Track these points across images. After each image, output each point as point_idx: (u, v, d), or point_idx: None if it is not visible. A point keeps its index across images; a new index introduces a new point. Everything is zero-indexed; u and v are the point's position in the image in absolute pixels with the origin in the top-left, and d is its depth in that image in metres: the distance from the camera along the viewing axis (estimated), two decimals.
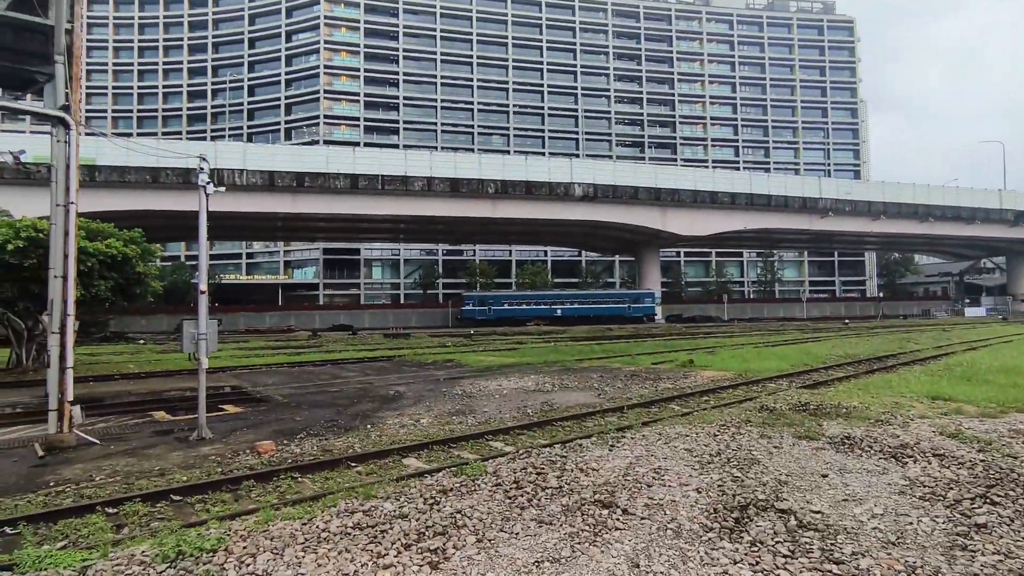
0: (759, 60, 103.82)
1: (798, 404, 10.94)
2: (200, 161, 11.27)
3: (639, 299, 66.16)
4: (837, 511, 5.54)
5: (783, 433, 8.68)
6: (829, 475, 6.64)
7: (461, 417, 11.77)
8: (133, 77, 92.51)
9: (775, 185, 61.29)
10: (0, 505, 6.88)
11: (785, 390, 14.21)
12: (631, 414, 11.77)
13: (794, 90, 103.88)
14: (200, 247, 11.12)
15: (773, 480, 6.40)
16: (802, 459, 7.29)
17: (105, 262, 20.48)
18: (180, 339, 10.92)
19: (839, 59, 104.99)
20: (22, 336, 21.98)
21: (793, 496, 5.92)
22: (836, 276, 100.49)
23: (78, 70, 10.82)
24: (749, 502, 5.69)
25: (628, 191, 55.02)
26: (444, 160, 52.08)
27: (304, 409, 13.05)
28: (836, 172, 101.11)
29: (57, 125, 10.64)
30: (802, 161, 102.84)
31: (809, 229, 63.55)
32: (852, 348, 26.16)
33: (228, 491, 7.32)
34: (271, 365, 23.20)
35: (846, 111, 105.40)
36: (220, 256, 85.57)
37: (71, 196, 10.39)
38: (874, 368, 18.79)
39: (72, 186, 10.43)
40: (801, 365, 19.47)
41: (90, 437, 10.28)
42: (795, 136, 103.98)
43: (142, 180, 43.13)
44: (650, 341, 34.83)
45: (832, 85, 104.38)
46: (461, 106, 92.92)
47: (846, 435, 8.39)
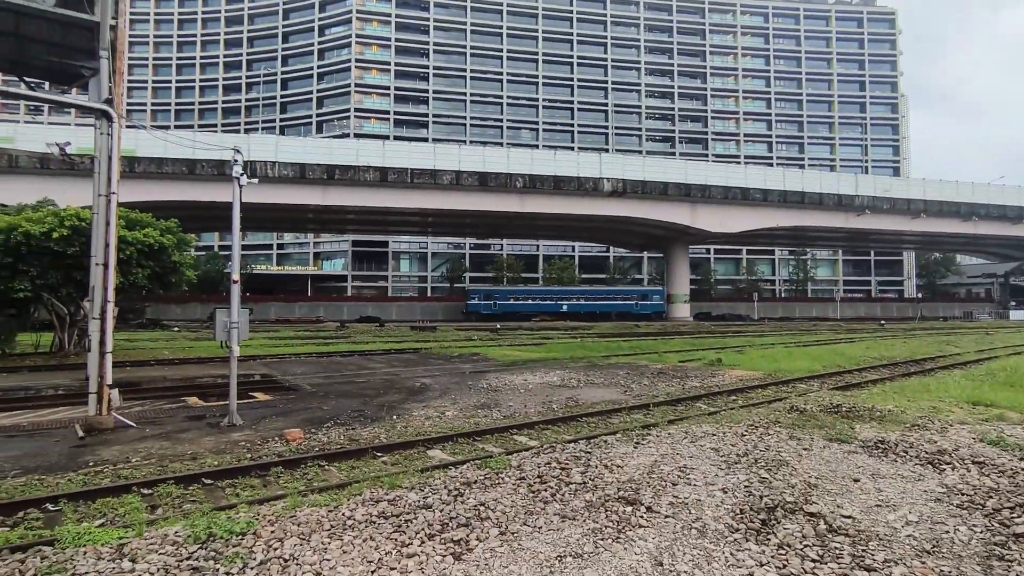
0: (795, 54, 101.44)
1: (829, 406, 10.71)
2: (234, 153, 11.50)
3: (647, 296, 65.44)
4: (869, 517, 5.41)
5: (813, 435, 8.50)
6: (861, 479, 6.48)
7: (486, 411, 11.82)
8: (172, 71, 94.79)
9: (809, 181, 59.91)
10: (43, 483, 7.16)
11: (816, 391, 13.92)
12: (657, 412, 11.67)
13: (831, 84, 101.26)
14: (233, 237, 11.35)
15: (802, 483, 6.28)
16: (833, 462, 7.14)
17: (143, 251, 21.04)
18: (213, 327, 11.18)
19: (879, 52, 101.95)
20: (65, 321, 22.76)
21: (823, 500, 5.80)
22: (872, 276, 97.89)
23: (121, 65, 11.11)
24: (777, 504, 5.60)
25: (657, 186, 54.40)
26: (473, 154, 52.17)
27: (331, 399, 13.26)
28: (874, 169, 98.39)
29: (101, 118, 10.95)
30: (838, 157, 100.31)
31: (844, 227, 61.99)
32: (888, 350, 25.49)
33: (257, 476, 7.48)
34: (300, 355, 23.61)
35: (886, 106, 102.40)
36: (252, 247, 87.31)
37: (112, 186, 10.70)
38: (911, 371, 18.28)
39: (114, 177, 10.73)
40: (833, 366, 19.04)
41: (127, 420, 10.61)
42: (831, 132, 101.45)
43: (179, 172, 44.19)
44: (678, 339, 34.48)
45: (872, 79, 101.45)
46: (490, 100, 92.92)
47: (880, 439, 8.18)
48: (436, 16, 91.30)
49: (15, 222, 19.55)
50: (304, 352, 24.51)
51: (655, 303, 65.29)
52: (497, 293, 64.00)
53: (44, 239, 19.20)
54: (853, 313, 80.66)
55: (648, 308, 64.58)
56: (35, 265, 19.57)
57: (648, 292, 66.65)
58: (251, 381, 15.93)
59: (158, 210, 31.01)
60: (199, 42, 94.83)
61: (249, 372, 17.47)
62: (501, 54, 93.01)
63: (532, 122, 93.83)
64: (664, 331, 43.14)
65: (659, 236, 64.59)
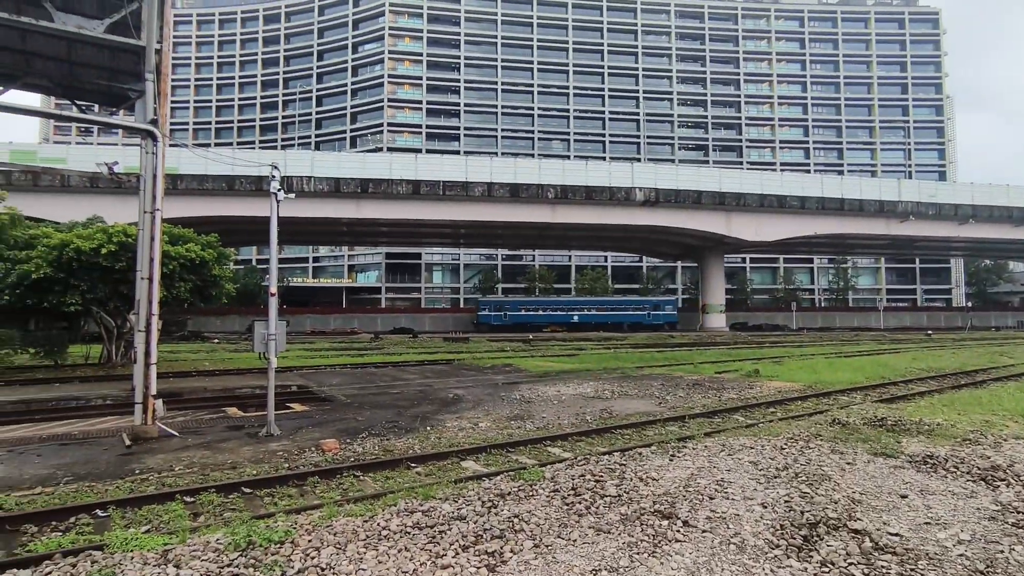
0: (832, 57, 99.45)
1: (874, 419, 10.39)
2: (272, 169, 11.84)
3: (659, 306, 64.36)
4: (918, 535, 5.23)
5: (857, 449, 8.26)
6: (909, 496, 6.26)
7: (519, 422, 11.81)
8: (212, 91, 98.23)
9: (849, 188, 58.45)
10: (93, 489, 7.43)
11: (859, 404, 13.52)
12: (693, 424, 11.49)
13: (871, 88, 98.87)
14: (271, 251, 11.65)
15: (845, 498, 6.10)
16: (878, 477, 6.92)
17: (185, 265, 21.75)
18: (251, 339, 11.46)
19: (922, 53, 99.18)
20: (112, 333, 23.65)
21: (868, 516, 5.62)
22: (917, 284, 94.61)
23: (165, 86, 11.58)
24: (819, 520, 5.45)
25: (691, 195, 53.80)
26: (504, 166, 52.51)
27: (366, 409, 13.43)
28: (918, 174, 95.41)
29: (146, 138, 11.41)
30: (879, 162, 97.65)
31: (887, 234, 60.20)
32: (936, 361, 24.58)
33: (294, 486, 7.62)
34: (335, 366, 23.99)
35: (930, 108, 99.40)
36: (289, 260, 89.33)
37: (157, 203, 11.12)
38: (961, 383, 17.59)
39: (158, 194, 11.16)
40: (877, 378, 18.46)
41: (170, 429, 10.94)
42: (872, 136, 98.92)
43: (219, 188, 45.62)
44: (713, 349, 33.94)
45: (915, 81, 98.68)
46: (521, 112, 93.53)
47: (928, 454, 7.89)
48: (467, 30, 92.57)
49: (67, 239, 20.45)
50: (339, 363, 24.90)
51: (667, 313, 64.32)
52: (507, 304, 63.83)
53: (93, 255, 20.03)
54: (897, 323, 78.09)
55: (660, 318, 63.59)
56: (85, 280, 20.43)
57: (660, 302, 65.57)
58: (288, 392, 16.26)
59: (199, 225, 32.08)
60: (238, 62, 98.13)
61: (286, 383, 17.83)
62: (532, 66, 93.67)
63: (563, 133, 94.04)
64: (699, 341, 42.51)
65: (693, 245, 63.80)
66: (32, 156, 44.38)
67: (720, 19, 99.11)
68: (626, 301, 66.92)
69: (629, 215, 53.73)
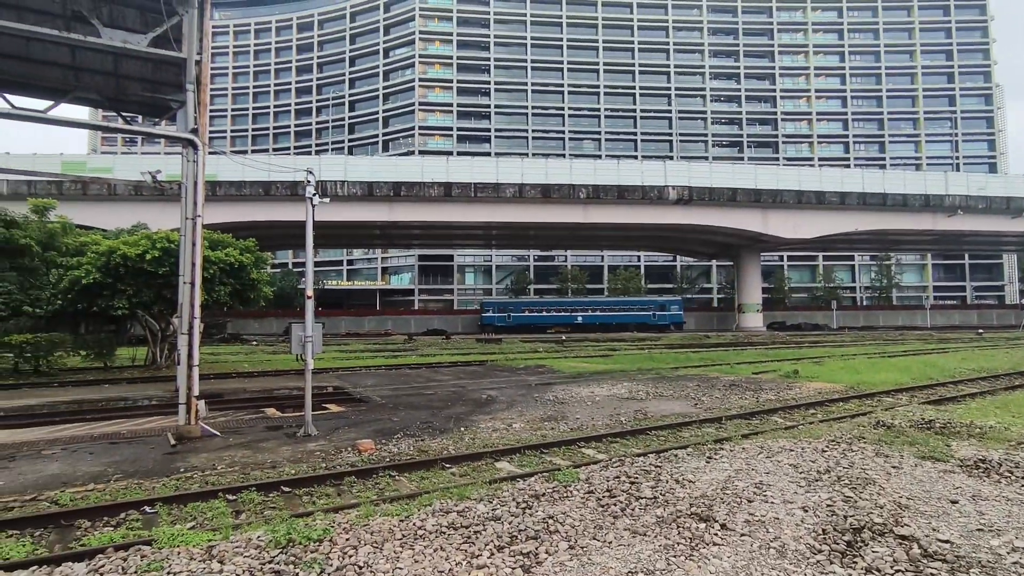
0: (873, 48, 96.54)
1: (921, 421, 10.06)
2: (307, 174, 12.08)
3: (665, 306, 63.46)
4: (970, 541, 5.04)
5: (903, 452, 8.01)
6: (960, 501, 6.05)
7: (553, 423, 11.79)
8: (248, 99, 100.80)
9: (892, 182, 56.65)
10: (141, 487, 7.71)
11: (905, 405, 13.10)
12: (730, 425, 11.31)
13: (915, 78, 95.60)
14: (307, 254, 11.90)
15: (891, 503, 5.92)
16: (926, 482, 6.70)
17: (224, 269, 22.36)
18: (288, 341, 11.72)
19: (969, 41, 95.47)
20: (157, 336, 24.48)
21: (916, 522, 5.45)
22: (967, 281, 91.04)
23: (205, 96, 11.95)
24: (864, 525, 5.31)
25: (725, 193, 52.91)
26: (535, 166, 52.49)
27: (401, 410, 13.59)
28: (966, 166, 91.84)
29: (187, 146, 11.79)
30: (924, 155, 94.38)
31: (933, 230, 58.10)
32: (987, 361, 23.64)
33: (332, 485, 7.77)
34: (370, 367, 24.33)
35: (978, 98, 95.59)
36: (324, 263, 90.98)
37: (198, 210, 11.48)
38: (1015, 384, 16.88)
39: (199, 201, 11.51)
40: (924, 379, 17.85)
41: (212, 429, 11.27)
42: (916, 128, 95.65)
43: (255, 193, 46.74)
44: (750, 350, 33.32)
45: (961, 70, 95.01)
46: (552, 112, 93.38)
47: (980, 458, 7.61)
48: (496, 32, 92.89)
49: (114, 246, 21.26)
50: (373, 364, 25.24)
51: (673, 313, 63.53)
52: (511, 305, 63.81)
53: (138, 260, 20.77)
54: (945, 321, 75.33)
55: (666, 319, 62.79)
56: (131, 284, 21.20)
57: (666, 302, 64.65)
58: (324, 393, 16.56)
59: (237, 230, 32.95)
60: (273, 70, 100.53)
61: (322, 384, 18.16)
62: (561, 66, 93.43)
63: (594, 132, 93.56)
64: (735, 342, 41.80)
65: (728, 244, 62.73)
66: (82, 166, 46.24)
67: (754, 12, 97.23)
68: (631, 302, 66.32)
69: (662, 214, 53.12)
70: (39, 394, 16.40)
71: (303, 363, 11.42)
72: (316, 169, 13.79)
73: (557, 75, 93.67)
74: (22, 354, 20.82)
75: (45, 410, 14.02)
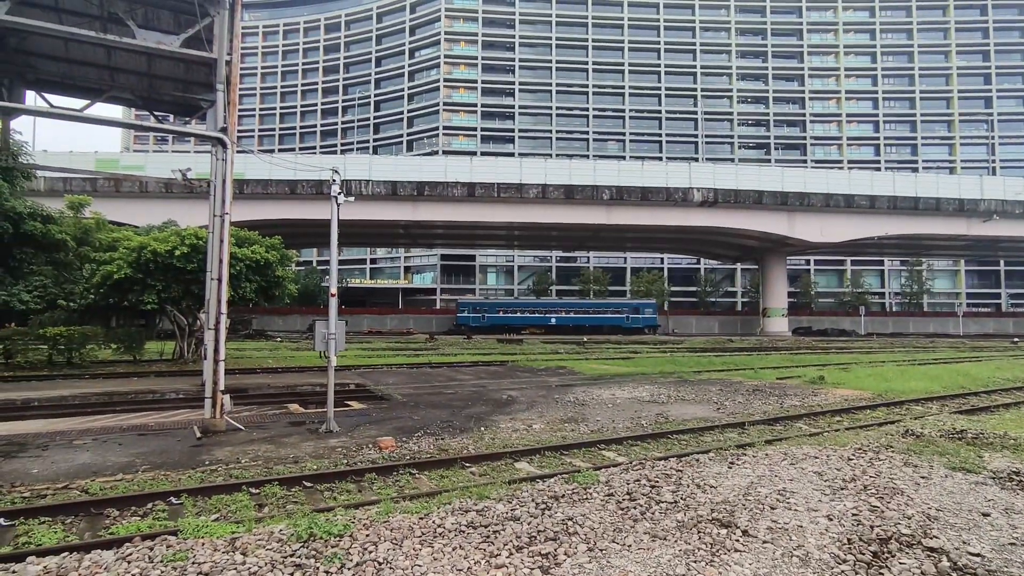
0: (906, 48, 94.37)
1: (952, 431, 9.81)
2: (332, 174, 12.22)
3: (639, 309, 63.15)
4: (1002, 556, 4.90)
5: (932, 462, 7.82)
6: (992, 514, 5.88)
7: (573, 425, 11.76)
8: (276, 99, 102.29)
9: (924, 185, 55.33)
10: (168, 478, 7.88)
11: (935, 414, 12.79)
12: (753, 431, 11.16)
13: (949, 79, 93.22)
14: (331, 252, 12.03)
15: (920, 514, 5.79)
16: (957, 493, 6.53)
17: (251, 266, 22.72)
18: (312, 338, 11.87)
19: (1007, 41, 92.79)
20: (184, 331, 24.98)
21: (945, 534, 5.32)
22: (1002, 288, 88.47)
23: (234, 96, 12.17)
24: (891, 535, 5.19)
25: (751, 195, 52.20)
26: (558, 167, 52.42)
27: (421, 409, 13.67)
28: (1003, 170, 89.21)
29: (216, 145, 12.02)
30: (959, 158, 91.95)
31: (967, 235, 56.63)
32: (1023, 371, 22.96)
33: (353, 482, 7.84)
34: (391, 365, 24.51)
35: (1016, 100, 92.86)
36: (347, 261, 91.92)
37: (226, 207, 11.68)
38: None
39: (227, 198, 11.72)
40: (955, 388, 17.41)
41: (237, 424, 11.46)
42: (950, 130, 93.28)
43: (282, 192, 47.45)
44: (775, 355, 32.90)
45: (999, 71, 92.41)
46: (576, 112, 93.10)
47: (1015, 470, 7.39)
48: (521, 33, 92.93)
49: (145, 242, 21.76)
50: (395, 363, 25.42)
51: (647, 316, 63.13)
52: (485, 306, 63.97)
53: (168, 256, 21.22)
54: (979, 329, 73.33)
55: (640, 322, 62.54)
56: (160, 280, 21.67)
57: (640, 305, 64.40)
58: (346, 390, 16.74)
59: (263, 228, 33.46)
60: (300, 70, 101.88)
61: (344, 381, 18.35)
62: (586, 67, 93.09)
63: (619, 133, 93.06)
64: (760, 346, 41.28)
65: (753, 247, 61.92)
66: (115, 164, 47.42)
67: (783, 12, 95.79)
68: (605, 304, 66.48)
69: (686, 216, 52.65)
70: (72, 385, 16.85)
71: (326, 360, 11.56)
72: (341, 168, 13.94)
73: (582, 76, 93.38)
74: (56, 346, 21.39)
75: (77, 401, 14.41)
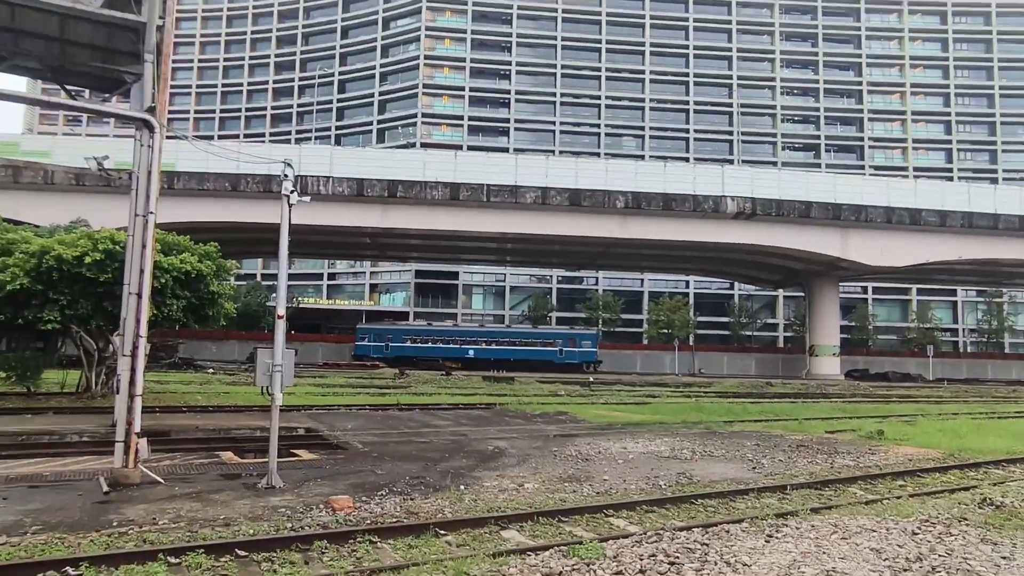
0: (983, 35, 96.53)
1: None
2: (284, 167, 12.25)
3: (575, 341, 64.47)
4: None
5: (1016, 539, 7.83)
6: None
7: (575, 484, 11.71)
8: (218, 74, 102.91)
9: (1006, 199, 56.24)
10: (64, 542, 7.73)
11: (1018, 480, 12.86)
12: (796, 496, 11.16)
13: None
14: (280, 265, 12.01)
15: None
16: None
17: (179, 279, 22.58)
18: (253, 370, 11.80)
19: None
20: (93, 358, 24.72)
21: None
22: None
23: (166, 69, 12.22)
24: None
25: (797, 207, 52.75)
26: (563, 167, 52.91)
27: (387, 461, 13.58)
28: None
29: (142, 128, 12.02)
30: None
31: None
32: None
33: (298, 551, 7.73)
34: (351, 406, 24.39)
35: None
36: (299, 276, 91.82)
37: (151, 205, 11.66)
38: None
39: (153, 194, 11.70)
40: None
41: (155, 475, 11.31)
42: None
43: (221, 188, 47.50)
44: (824, 403, 33.15)
45: None
46: (585, 101, 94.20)
47: None
48: (520, 3, 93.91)
49: (48, 245, 21.56)
50: (356, 404, 25.31)
51: (585, 350, 64.19)
52: (390, 333, 64.78)
53: (76, 264, 21.02)
54: None
55: (576, 356, 63.74)
56: (65, 293, 21.42)
57: (576, 336, 65.65)
58: (294, 436, 16.58)
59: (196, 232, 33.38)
60: (248, 40, 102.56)
61: (292, 425, 18.18)
62: (599, 46, 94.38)
63: (637, 127, 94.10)
64: (805, 392, 41.46)
65: (799, 270, 62.44)
66: (14, 148, 47.42)
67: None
68: (534, 334, 67.88)
69: (718, 230, 53.10)
70: None
71: (269, 398, 11.47)
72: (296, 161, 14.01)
73: (593, 56, 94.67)
74: None
75: None
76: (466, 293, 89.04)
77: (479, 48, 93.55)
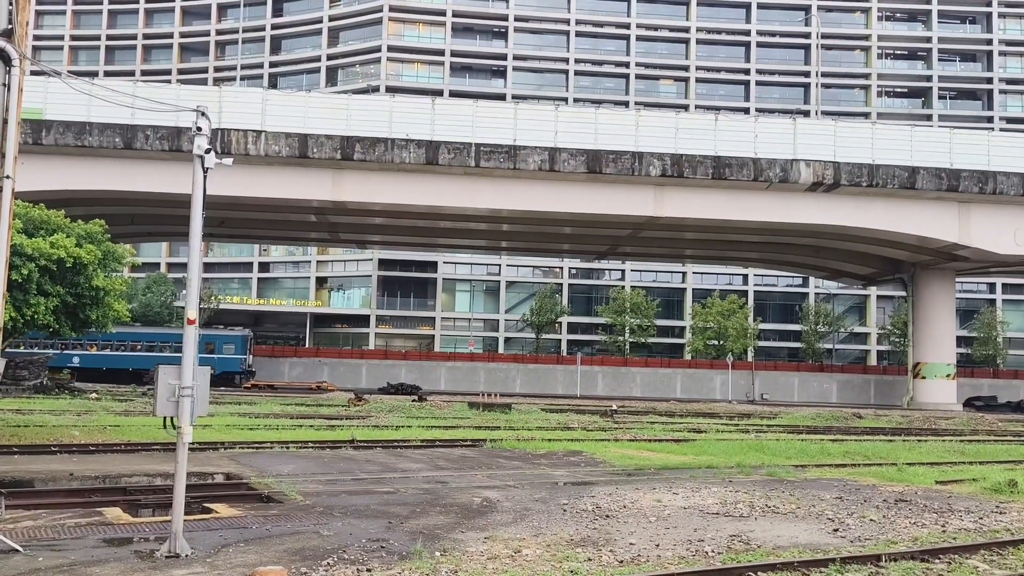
0: None
1: None
2: (197, 117, 12.11)
3: (214, 345, 64.12)
4: None
5: None
6: None
7: (590, 550, 11.66)
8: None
9: None
10: None
11: None
12: (894, 570, 11.12)
13: None
14: (191, 251, 11.86)
15: None
16: None
17: (49, 269, 22.44)
18: (153, 394, 11.69)
19: None
20: None
21: None
22: None
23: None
24: None
25: (898, 174, 52.68)
26: (578, 120, 52.77)
27: (336, 518, 13.51)
28: None
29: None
30: None
31: None
32: None
33: None
34: (288, 444, 24.26)
35: None
36: (220, 267, 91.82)
37: (7, 167, 11.48)
38: None
39: (9, 151, 11.51)
40: None
41: (10, 541, 11.18)
42: None
43: (109, 144, 47.17)
44: (933, 441, 33.05)
45: None
46: (607, 32, 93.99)
47: None
48: None
49: None
50: (295, 440, 25.19)
51: (227, 357, 64.52)
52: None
53: None
54: None
55: (215, 364, 63.22)
56: None
57: (217, 339, 65.48)
58: (210, 484, 16.53)
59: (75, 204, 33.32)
60: None
61: (208, 470, 18.15)
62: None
63: (677, 68, 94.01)
64: (907, 427, 41.50)
65: (899, 260, 62.60)
66: None
67: None
68: (161, 336, 67.29)
69: (788, 207, 53.07)
70: None
71: (175, 432, 11.37)
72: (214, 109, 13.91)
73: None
74: None
75: None
76: (447, 290, 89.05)
77: None
